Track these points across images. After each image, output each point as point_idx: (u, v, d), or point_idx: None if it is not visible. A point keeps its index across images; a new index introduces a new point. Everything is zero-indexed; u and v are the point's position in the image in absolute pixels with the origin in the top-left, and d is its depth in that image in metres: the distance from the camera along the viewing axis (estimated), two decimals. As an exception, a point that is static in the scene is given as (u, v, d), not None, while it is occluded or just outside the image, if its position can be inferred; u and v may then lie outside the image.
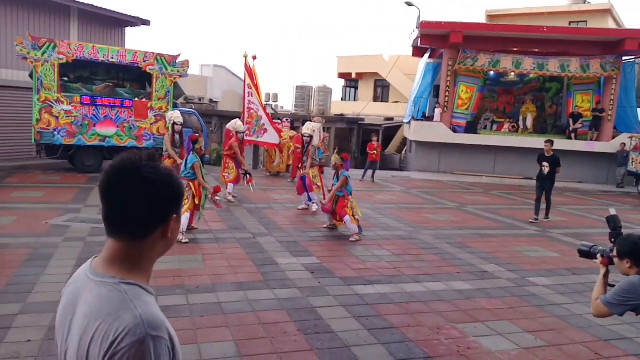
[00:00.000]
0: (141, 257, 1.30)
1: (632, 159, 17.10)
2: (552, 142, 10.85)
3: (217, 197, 8.12)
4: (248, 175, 11.04)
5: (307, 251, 7.29)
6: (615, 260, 2.98)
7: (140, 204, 1.25)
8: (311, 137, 10.94)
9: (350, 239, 8.05)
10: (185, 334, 4.31)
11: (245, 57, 13.66)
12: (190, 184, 7.59)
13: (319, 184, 10.22)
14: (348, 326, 4.71)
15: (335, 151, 8.85)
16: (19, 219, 8.16)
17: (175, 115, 10.63)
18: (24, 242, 6.88)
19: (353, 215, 8.14)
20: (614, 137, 18.83)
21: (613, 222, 3.12)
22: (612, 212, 3.16)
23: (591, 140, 18.96)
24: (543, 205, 10.72)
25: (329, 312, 5.03)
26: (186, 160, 7.88)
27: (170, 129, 10.42)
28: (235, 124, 11.61)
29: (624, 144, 17.86)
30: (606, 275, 3.07)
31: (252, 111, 13.83)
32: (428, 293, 5.79)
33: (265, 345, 4.23)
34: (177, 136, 10.60)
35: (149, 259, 1.32)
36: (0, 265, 5.88)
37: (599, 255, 3.10)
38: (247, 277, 5.95)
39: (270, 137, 14.04)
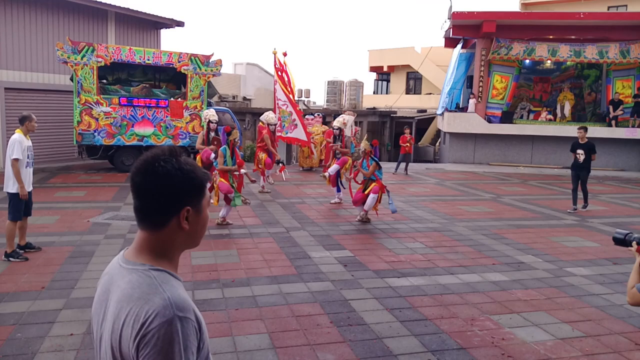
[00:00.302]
0: (165, 246, 1.38)
1: (677, 145, 16.41)
2: (585, 129, 10.51)
3: (243, 171, 8.51)
4: (281, 164, 11.30)
5: (340, 245, 7.34)
6: None
7: (154, 196, 1.34)
8: (340, 129, 10.97)
9: (359, 217, 8.78)
10: (220, 327, 4.43)
11: (275, 53, 13.78)
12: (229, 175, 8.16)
13: (349, 176, 10.22)
14: (381, 318, 4.74)
15: (365, 137, 9.04)
16: (62, 218, 8.51)
17: (210, 114, 10.73)
18: (67, 240, 7.18)
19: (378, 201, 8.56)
20: (657, 124, 18.11)
21: None
22: None
23: (633, 127, 18.29)
24: (581, 195, 10.44)
25: (361, 304, 5.07)
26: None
27: (205, 127, 10.57)
28: (267, 116, 11.85)
29: (669, 130, 17.17)
30: None
31: (279, 107, 13.96)
32: (462, 285, 5.75)
33: (299, 337, 4.30)
34: (212, 134, 10.72)
35: (172, 248, 1.39)
36: (44, 263, 6.16)
37: (634, 243, 3.02)
38: (280, 271, 6.05)
39: (299, 133, 14.10)
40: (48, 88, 15.35)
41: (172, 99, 14.71)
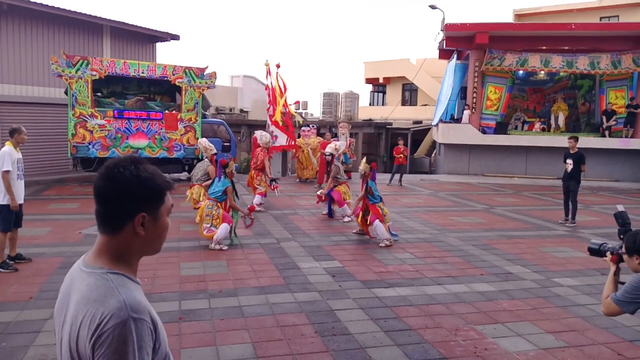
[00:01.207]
0: (122, 250, 1.42)
1: (670, 155, 16.50)
2: (576, 139, 10.45)
3: (252, 217, 8.32)
4: (274, 182, 11.27)
5: (330, 255, 7.36)
6: (625, 257, 2.94)
7: (112, 201, 1.39)
8: (332, 155, 11.08)
9: (380, 244, 7.99)
10: (204, 337, 4.45)
11: (267, 65, 13.86)
12: (219, 204, 7.71)
13: (349, 200, 10.21)
14: (365, 328, 4.75)
15: (364, 160, 8.80)
16: (54, 229, 8.53)
17: (210, 147, 9.76)
18: (58, 251, 7.20)
19: (384, 223, 8.09)
20: (650, 133, 18.23)
21: (621, 219, 3.09)
22: (620, 208, 3.12)
23: (626, 137, 18.39)
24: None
25: (347, 314, 5.08)
26: (216, 182, 7.97)
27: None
28: (261, 136, 11.73)
29: (661, 140, 17.27)
30: (616, 273, 3.02)
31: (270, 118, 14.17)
32: (449, 295, 5.76)
33: (282, 346, 4.32)
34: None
35: (129, 253, 1.43)
36: (34, 274, 6.18)
37: (608, 253, 3.06)
38: (268, 281, 6.06)
39: (281, 140, 14.21)
40: (43, 101, 15.42)
41: (166, 111, 14.79)
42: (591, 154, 17.66)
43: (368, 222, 8.33)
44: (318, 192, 10.17)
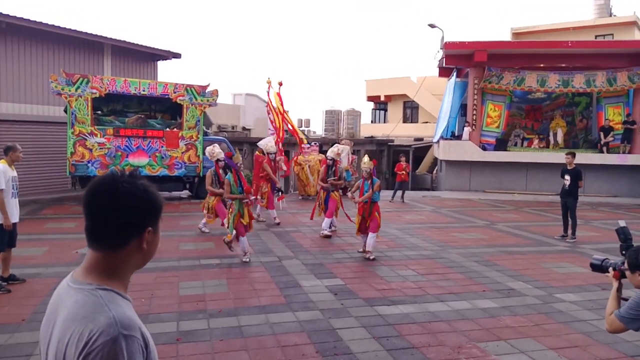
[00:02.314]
0: (117, 266, 1.39)
1: (669, 170, 16.52)
2: (573, 155, 10.49)
3: (252, 197, 8.48)
4: (280, 193, 11.22)
5: (332, 273, 7.31)
6: (627, 273, 2.91)
7: (115, 217, 1.35)
8: (334, 160, 10.61)
9: (371, 257, 8.13)
10: (202, 359, 4.40)
11: (269, 82, 13.95)
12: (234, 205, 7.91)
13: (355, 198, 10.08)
14: (367, 347, 4.70)
15: (366, 158, 8.66)
16: (50, 249, 8.48)
17: (217, 152, 9.79)
18: (54, 271, 7.13)
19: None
20: (647, 149, 18.28)
21: (623, 234, 3.07)
22: (622, 223, 3.11)
23: (624, 153, 18.44)
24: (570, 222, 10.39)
25: (349, 333, 5.03)
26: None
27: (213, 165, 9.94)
28: (267, 145, 11.69)
29: (659, 156, 17.32)
30: (619, 289, 2.99)
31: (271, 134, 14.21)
32: (452, 312, 5.72)
33: (283, 366, 4.26)
34: (221, 171, 9.65)
35: (125, 269, 1.41)
36: (27, 295, 6.10)
37: (610, 269, 3.04)
38: (269, 300, 6.02)
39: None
40: (42, 120, 15.49)
41: (167, 129, 14.84)
42: (590, 170, 17.71)
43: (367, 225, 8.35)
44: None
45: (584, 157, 17.06)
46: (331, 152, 10.69)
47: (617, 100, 19.25)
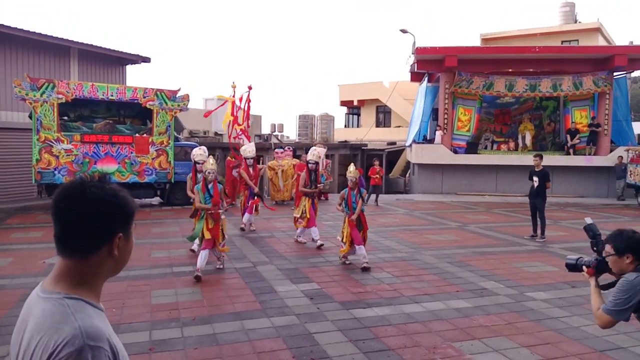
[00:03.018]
0: (88, 274, 1.34)
1: (630, 171, 17.09)
2: (541, 157, 10.67)
3: (221, 211, 7.62)
4: (256, 197, 10.77)
5: (308, 277, 7.27)
6: (613, 258, 2.88)
7: (84, 223, 1.30)
8: (317, 163, 9.93)
9: (365, 266, 7.66)
10: (178, 365, 4.31)
11: (234, 87, 13.63)
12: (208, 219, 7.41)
13: (308, 215, 9.44)
14: (344, 350, 4.68)
15: (352, 167, 8.23)
16: (16, 260, 8.21)
17: (197, 153, 9.30)
18: (20, 282, 6.90)
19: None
20: (611, 151, 18.87)
21: (591, 231, 3.12)
22: (588, 221, 3.17)
23: (589, 155, 18.99)
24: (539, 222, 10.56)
25: (325, 337, 5.00)
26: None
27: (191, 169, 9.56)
28: (244, 151, 11.26)
29: (622, 157, 17.90)
30: (597, 285, 3.03)
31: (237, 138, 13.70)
32: (426, 313, 5.75)
33: (259, 372, 4.21)
34: (199, 175, 8.90)
35: (96, 276, 1.36)
36: (-7, 307, 5.88)
37: (584, 267, 3.08)
38: (244, 307, 5.94)
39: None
40: (5, 126, 15.05)
41: (137, 135, 14.59)
42: (558, 171, 18.16)
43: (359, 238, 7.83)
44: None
45: (552, 159, 17.50)
46: (313, 156, 10.04)
47: (583, 103, 19.83)
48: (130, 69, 19.47)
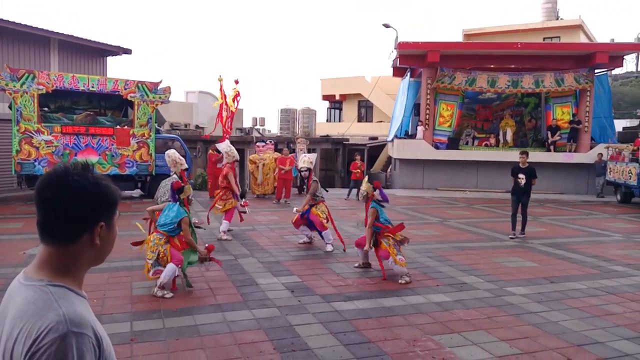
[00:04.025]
0: (70, 262, 1.35)
1: (610, 168, 17.40)
2: (527, 154, 10.53)
3: (212, 257, 6.70)
4: (243, 199, 10.25)
5: (289, 270, 7.29)
6: None
7: (65, 210, 1.31)
8: (309, 170, 9.52)
9: (400, 281, 6.76)
10: (157, 358, 4.30)
11: (221, 80, 13.66)
12: (169, 238, 6.29)
13: (326, 217, 8.86)
14: (325, 342, 4.72)
15: (366, 179, 7.64)
16: (-4, 251, 8.09)
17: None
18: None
19: (395, 256, 6.80)
20: (591, 148, 19.19)
21: None
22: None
23: (570, 151, 19.29)
24: (519, 219, 10.41)
25: (306, 329, 5.03)
26: (167, 210, 6.44)
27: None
28: (230, 149, 10.42)
29: (601, 154, 18.21)
30: None
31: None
32: (407, 307, 5.81)
33: (240, 364, 4.22)
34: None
35: (78, 265, 1.37)
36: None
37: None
38: (226, 299, 5.94)
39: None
40: (-16, 116, 14.76)
41: (118, 126, 14.42)
42: (538, 168, 18.16)
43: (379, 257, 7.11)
44: (294, 210, 8.41)
45: (533, 156, 17.63)
46: (304, 163, 9.48)
47: (565, 100, 20.11)
48: (111, 60, 19.20)
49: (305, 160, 9.66)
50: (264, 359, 4.34)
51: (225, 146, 10.95)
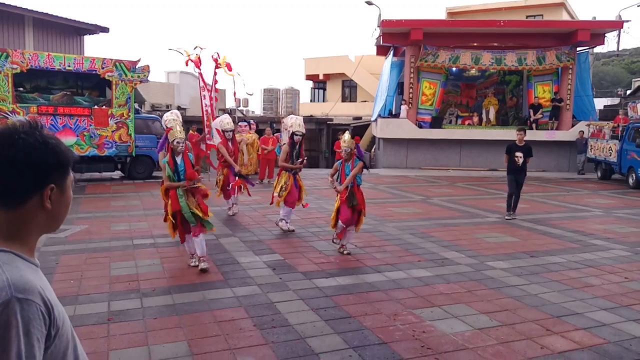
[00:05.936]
0: (19, 227, 1.27)
1: (591, 145, 17.57)
2: (524, 131, 9.98)
3: (197, 184, 6.31)
4: (238, 177, 9.38)
5: (271, 249, 7.24)
6: None
7: (9, 171, 1.23)
8: (303, 135, 8.62)
9: (345, 252, 6.98)
10: (135, 337, 4.23)
11: (201, 49, 12.74)
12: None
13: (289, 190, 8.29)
14: (305, 318, 4.69)
15: (347, 135, 7.17)
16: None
17: (168, 119, 7.31)
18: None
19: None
20: (573, 126, 19.34)
21: None
22: None
23: (551, 129, 19.42)
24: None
25: (287, 306, 5.00)
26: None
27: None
28: (222, 122, 9.66)
29: (582, 132, 18.38)
30: None
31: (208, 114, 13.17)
32: (388, 282, 5.81)
33: (219, 342, 4.17)
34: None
35: (27, 230, 1.29)
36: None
37: None
38: (206, 278, 5.87)
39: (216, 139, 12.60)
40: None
41: (96, 106, 14.11)
42: (529, 144, 18.52)
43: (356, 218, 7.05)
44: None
45: (515, 134, 17.79)
46: (300, 127, 8.34)
47: (546, 78, 20.18)
48: (88, 39, 18.74)
49: (299, 123, 8.52)
50: (244, 336, 4.30)
51: (215, 123, 10.21)
